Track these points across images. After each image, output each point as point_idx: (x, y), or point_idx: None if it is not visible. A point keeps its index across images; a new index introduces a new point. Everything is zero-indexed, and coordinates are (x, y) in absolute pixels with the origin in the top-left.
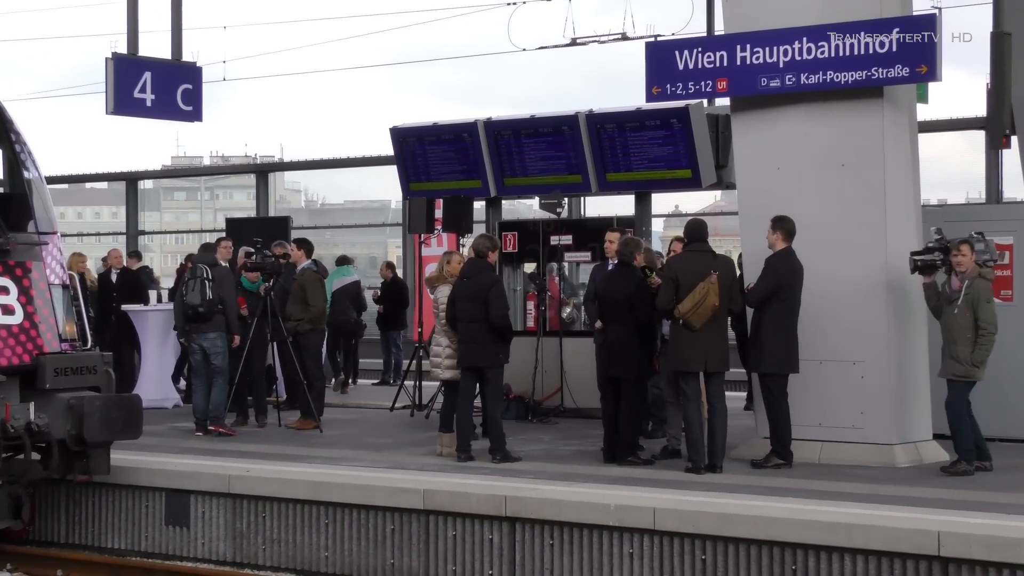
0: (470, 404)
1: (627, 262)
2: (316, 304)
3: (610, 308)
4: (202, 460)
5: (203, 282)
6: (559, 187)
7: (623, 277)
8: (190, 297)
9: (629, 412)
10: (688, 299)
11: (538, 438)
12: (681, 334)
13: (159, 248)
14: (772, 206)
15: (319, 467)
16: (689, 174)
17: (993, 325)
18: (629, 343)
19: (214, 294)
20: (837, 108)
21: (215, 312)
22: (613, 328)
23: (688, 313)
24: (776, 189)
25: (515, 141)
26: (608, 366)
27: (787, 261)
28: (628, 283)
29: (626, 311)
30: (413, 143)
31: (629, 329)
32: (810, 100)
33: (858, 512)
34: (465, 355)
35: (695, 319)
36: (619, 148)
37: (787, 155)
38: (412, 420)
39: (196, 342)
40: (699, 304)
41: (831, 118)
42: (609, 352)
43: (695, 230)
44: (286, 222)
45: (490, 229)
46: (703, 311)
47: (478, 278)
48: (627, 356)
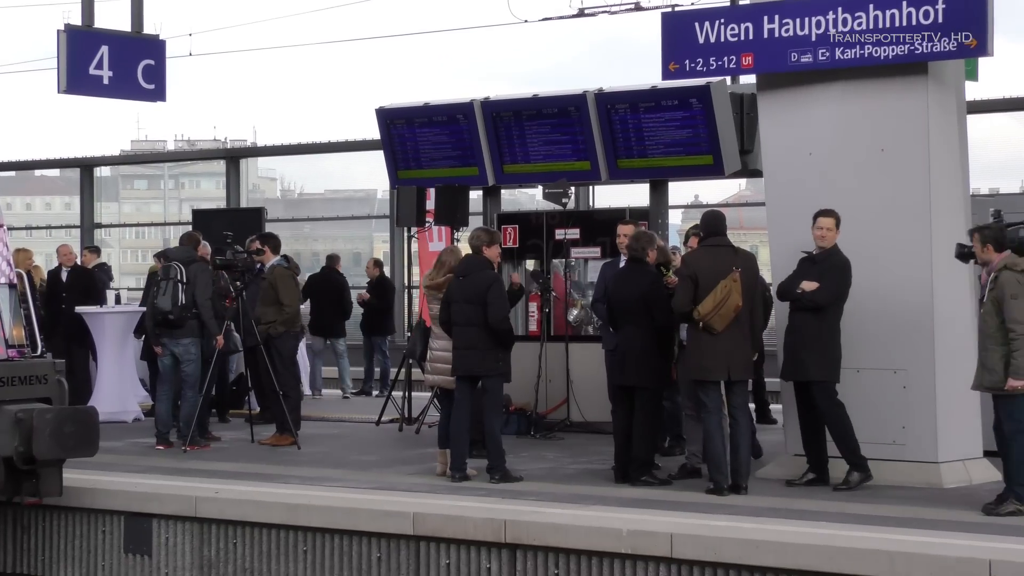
0: (466, 417)
1: (639, 258)
2: (290, 304)
3: (622, 310)
4: (166, 480)
5: (176, 284)
6: (565, 175)
7: (635, 275)
8: (161, 301)
9: (643, 426)
10: (709, 299)
11: (542, 455)
12: (701, 339)
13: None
14: (803, 196)
15: (297, 488)
16: (710, 160)
17: (1021, 325)
18: (643, 349)
19: (187, 297)
20: (876, 86)
21: (188, 318)
22: (625, 332)
23: (709, 315)
24: (808, 177)
25: (516, 124)
26: (620, 374)
27: (843, 257)
28: (641, 282)
29: (639, 313)
30: (401, 126)
31: (643, 333)
32: (846, 77)
33: (900, 538)
34: (460, 362)
35: (717, 321)
36: (632, 131)
37: (820, 139)
38: (401, 435)
39: (168, 348)
40: (721, 304)
41: (869, 98)
42: (621, 359)
43: (712, 223)
44: (260, 214)
45: (488, 222)
46: (725, 312)
47: (475, 277)
48: (641, 363)
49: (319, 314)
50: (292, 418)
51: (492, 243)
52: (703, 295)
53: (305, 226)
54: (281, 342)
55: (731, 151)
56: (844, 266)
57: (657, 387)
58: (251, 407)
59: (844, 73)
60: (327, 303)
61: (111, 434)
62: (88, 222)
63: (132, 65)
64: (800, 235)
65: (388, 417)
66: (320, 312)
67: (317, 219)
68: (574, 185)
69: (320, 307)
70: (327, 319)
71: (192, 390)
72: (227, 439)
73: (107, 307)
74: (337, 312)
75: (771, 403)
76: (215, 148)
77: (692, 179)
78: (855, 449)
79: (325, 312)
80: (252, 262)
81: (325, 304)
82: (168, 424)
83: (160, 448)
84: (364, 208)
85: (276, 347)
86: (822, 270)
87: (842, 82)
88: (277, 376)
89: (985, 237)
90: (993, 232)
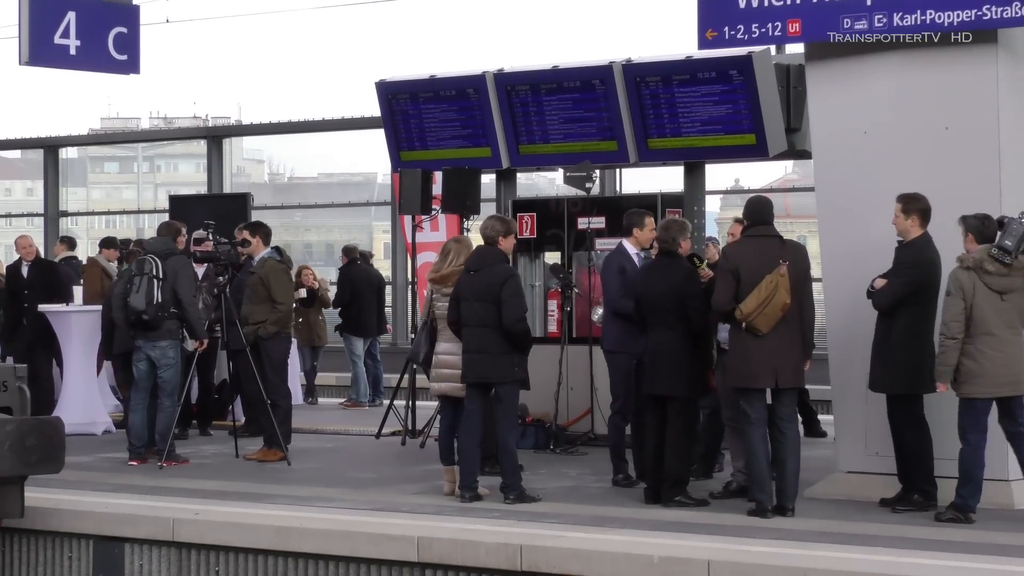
0: (477, 429)
1: (670, 250)
2: (283, 302)
3: (651, 309)
4: (140, 500)
5: (151, 280)
6: (588, 156)
7: (667, 269)
8: (134, 300)
9: (677, 440)
10: (752, 296)
11: (562, 472)
12: (744, 342)
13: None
14: (857, 180)
15: (287, 509)
16: (752, 140)
17: (946, 325)
18: (677, 353)
19: (164, 295)
20: (940, 57)
21: (164, 318)
22: (655, 335)
23: (753, 314)
24: (863, 159)
25: (533, 99)
26: (651, 382)
27: (924, 252)
28: (674, 276)
29: (672, 313)
30: (405, 101)
31: (676, 336)
32: (906, 47)
33: (969, 566)
34: (471, 368)
35: (762, 322)
36: (664, 107)
37: (876, 116)
38: (404, 450)
39: (144, 350)
40: (766, 302)
41: (932, 69)
42: (652, 365)
43: (757, 210)
44: (245, 200)
45: (502, 209)
46: (771, 311)
47: (487, 271)
48: (674, 370)
49: (360, 312)
50: (282, 430)
51: (507, 233)
52: (746, 292)
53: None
54: (272, 345)
55: (776, 130)
56: (917, 263)
57: (692, 396)
58: (235, 418)
59: (903, 42)
60: (368, 300)
61: (79, 448)
62: (52, 210)
63: (102, 33)
64: (853, 224)
65: (389, 429)
66: (361, 310)
67: (309, 206)
68: (599, 168)
69: (361, 305)
70: (367, 317)
71: (170, 398)
72: (209, 454)
73: (74, 306)
74: (377, 310)
75: (819, 412)
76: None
77: (732, 161)
78: (927, 476)
79: (366, 310)
80: (237, 255)
81: (363, 300)
82: (143, 437)
83: (133, 464)
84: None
85: (266, 350)
86: (894, 265)
87: (901, 52)
88: (266, 383)
89: (968, 227)
90: (974, 222)
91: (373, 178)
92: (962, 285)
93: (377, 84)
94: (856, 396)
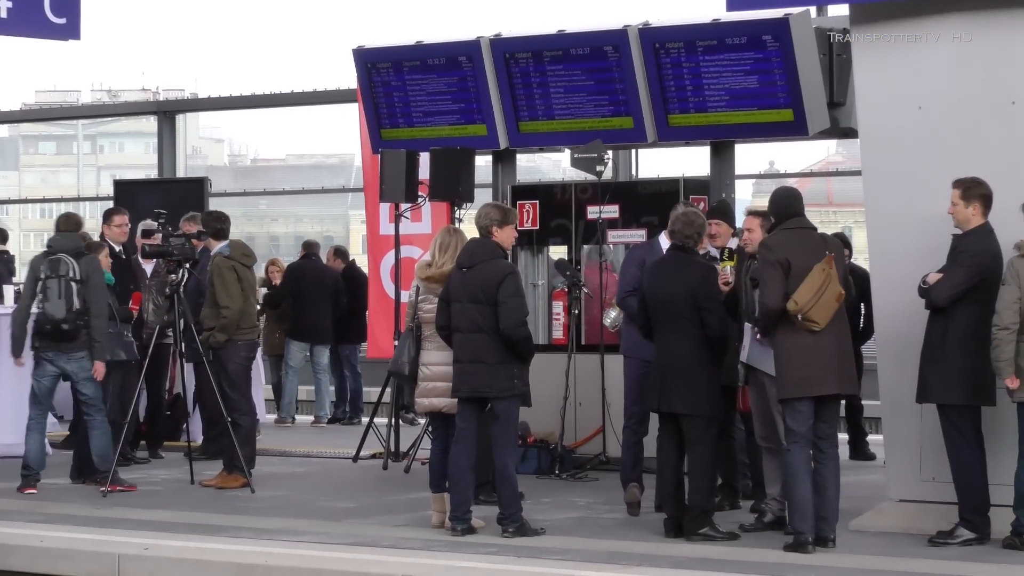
0: (470, 451)
1: (687, 247)
2: (228, 305)
3: (663, 314)
4: (80, 532)
5: (68, 283)
6: (600, 135)
7: (682, 267)
8: (52, 308)
9: (699, 465)
10: (805, 286)
11: (570, 501)
12: (800, 342)
13: (17, 223)
14: (910, 162)
15: (250, 543)
16: (789, 116)
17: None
18: (692, 365)
19: (82, 300)
20: (1005, 21)
21: (82, 327)
22: (665, 343)
23: (808, 306)
24: (917, 138)
25: (535, 68)
26: (659, 398)
27: (986, 243)
28: (690, 276)
29: (686, 318)
30: (387, 71)
31: (691, 345)
32: (967, 8)
33: None
34: (464, 380)
35: (819, 312)
36: (687, 78)
37: (933, 89)
38: (386, 475)
39: (55, 363)
40: (821, 291)
41: (997, 36)
42: (660, 378)
43: (788, 202)
44: (202, 186)
45: (500, 196)
46: (827, 301)
47: (482, 268)
48: (689, 384)
49: (302, 313)
50: (244, 452)
51: (505, 223)
52: (794, 285)
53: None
54: (226, 355)
55: (817, 104)
56: (974, 254)
57: (712, 415)
58: (190, 437)
59: (965, 3)
60: (318, 300)
61: (9, 472)
62: None
63: None
64: (906, 212)
65: (369, 451)
66: (304, 311)
67: (276, 192)
68: (612, 148)
69: (305, 304)
70: (316, 320)
71: (100, 414)
72: (160, 479)
73: (4, 307)
74: (325, 311)
75: (869, 431)
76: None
77: (766, 140)
78: (978, 504)
79: (311, 312)
80: (191, 249)
81: (309, 301)
82: (41, 461)
83: (27, 492)
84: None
85: (220, 361)
86: (951, 255)
87: (960, 15)
88: (224, 399)
89: None
90: None
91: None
92: (1018, 272)
93: (355, 51)
94: (909, 412)
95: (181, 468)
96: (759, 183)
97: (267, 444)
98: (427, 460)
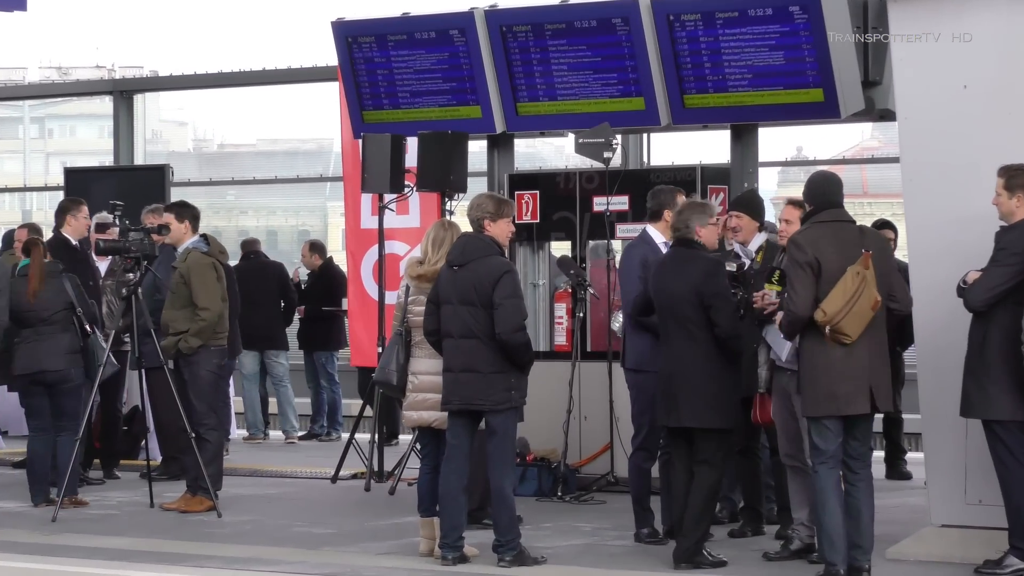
0: (462, 470)
1: (687, 238)
2: (207, 307)
3: (666, 314)
4: (26, 562)
5: None
6: (608, 118)
7: (685, 263)
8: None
9: (707, 487)
10: (836, 293)
11: (573, 527)
12: (829, 356)
13: None
14: (954, 148)
15: (216, 573)
16: (820, 96)
17: None
18: (702, 371)
19: None
20: None
21: None
22: (672, 348)
23: (838, 316)
24: (961, 121)
25: (536, 43)
26: (667, 411)
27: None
28: (694, 272)
29: (692, 319)
30: (370, 47)
31: (700, 348)
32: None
33: None
34: (455, 391)
35: (850, 324)
36: (706, 54)
37: (979, 66)
38: (369, 497)
39: None
40: (854, 299)
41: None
42: (668, 388)
43: (825, 189)
44: (163, 174)
45: (496, 186)
46: (860, 310)
47: (475, 266)
48: (701, 393)
49: (246, 321)
50: (210, 472)
51: (500, 216)
52: (825, 290)
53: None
54: (197, 362)
55: (850, 83)
56: (1015, 251)
57: (727, 428)
58: (149, 456)
59: None
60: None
61: None
62: None
63: None
64: (949, 203)
65: (349, 471)
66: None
67: (246, 182)
68: (621, 133)
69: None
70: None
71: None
72: (116, 502)
73: None
74: (275, 315)
75: (909, 448)
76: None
77: (794, 123)
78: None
79: (254, 317)
80: (151, 245)
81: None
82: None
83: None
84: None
85: (190, 370)
86: (993, 252)
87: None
88: (190, 412)
89: None
90: None
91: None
92: None
93: (334, 24)
94: (953, 427)
95: (139, 490)
96: (785, 171)
97: (236, 462)
98: (414, 480)
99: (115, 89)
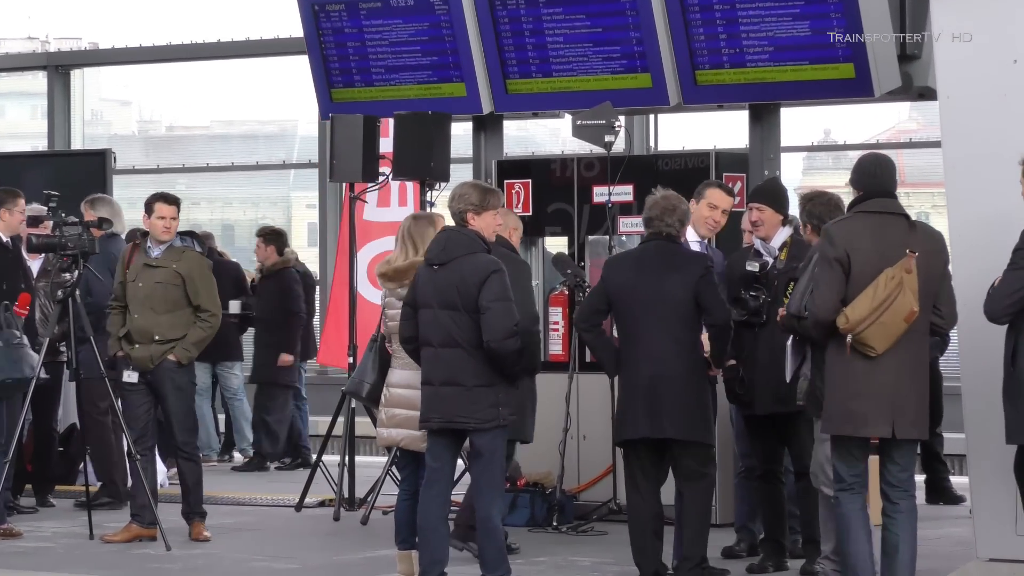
0: (444, 496)
1: (669, 234)
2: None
3: (645, 314)
4: None
5: None
6: (610, 97)
7: (670, 260)
8: None
9: (696, 506)
10: (864, 298)
11: (571, 560)
12: (849, 367)
13: None
14: (1002, 131)
15: None
16: (851, 72)
17: None
18: (684, 377)
19: None
20: None
21: None
22: (650, 352)
23: (863, 325)
24: (1011, 100)
25: (528, 11)
26: (649, 422)
27: None
28: (686, 272)
29: (675, 319)
30: (339, 16)
31: (683, 351)
32: None
33: None
34: (434, 408)
35: (876, 335)
36: (720, 24)
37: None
38: (338, 526)
39: None
40: (884, 306)
41: None
42: (648, 395)
43: (874, 172)
44: (104, 160)
45: (483, 174)
46: (892, 320)
47: (459, 265)
48: (683, 401)
49: None
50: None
51: (485, 208)
52: (854, 292)
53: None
54: (184, 375)
55: (885, 58)
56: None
57: (710, 443)
58: (88, 480)
59: None
60: None
61: None
62: None
63: None
64: (996, 194)
65: (316, 498)
66: None
67: (199, 169)
68: (624, 114)
69: None
70: None
71: None
72: (50, 532)
73: None
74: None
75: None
76: (30, 52)
77: (820, 102)
78: None
79: None
80: (91, 241)
81: None
82: None
83: None
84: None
85: (176, 383)
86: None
87: None
88: (171, 432)
89: None
90: None
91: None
92: None
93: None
94: (1000, 452)
95: (77, 520)
96: (811, 157)
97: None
98: (390, 509)
99: (49, 64)
